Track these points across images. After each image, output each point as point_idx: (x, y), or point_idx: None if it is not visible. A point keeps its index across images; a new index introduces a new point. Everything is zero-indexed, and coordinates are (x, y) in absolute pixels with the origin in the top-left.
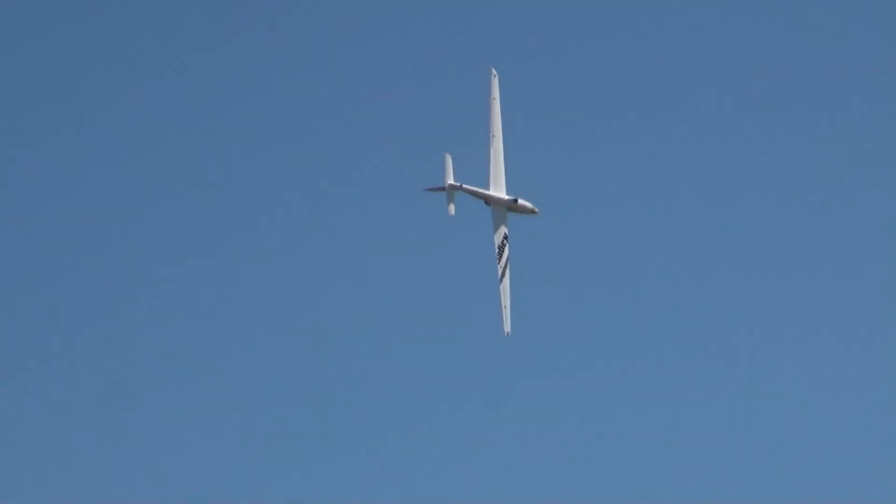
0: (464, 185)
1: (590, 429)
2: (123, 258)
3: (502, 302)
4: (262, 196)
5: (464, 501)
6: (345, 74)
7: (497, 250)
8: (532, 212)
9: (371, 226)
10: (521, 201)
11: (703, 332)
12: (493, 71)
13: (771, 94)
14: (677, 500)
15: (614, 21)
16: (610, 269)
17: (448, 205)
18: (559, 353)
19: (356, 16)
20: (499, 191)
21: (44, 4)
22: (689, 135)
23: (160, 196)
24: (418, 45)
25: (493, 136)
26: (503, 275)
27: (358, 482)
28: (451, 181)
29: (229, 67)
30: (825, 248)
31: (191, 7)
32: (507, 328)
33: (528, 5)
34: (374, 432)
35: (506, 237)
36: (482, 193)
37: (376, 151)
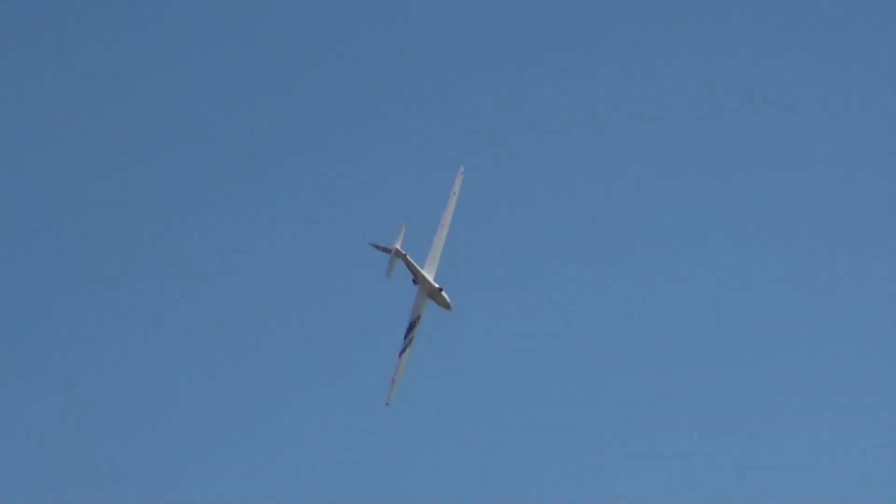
0: (407, 255)
1: None
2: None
3: (395, 374)
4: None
5: None
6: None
7: (408, 326)
8: (447, 307)
9: (307, 266)
10: (444, 293)
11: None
12: (462, 168)
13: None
14: None
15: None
16: (505, 377)
17: (389, 266)
18: (428, 436)
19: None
20: (430, 275)
21: None
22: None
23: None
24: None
25: (442, 225)
26: (404, 350)
27: None
28: (398, 246)
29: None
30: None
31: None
32: (390, 399)
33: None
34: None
35: (419, 318)
36: (417, 270)
37: (345, 200)
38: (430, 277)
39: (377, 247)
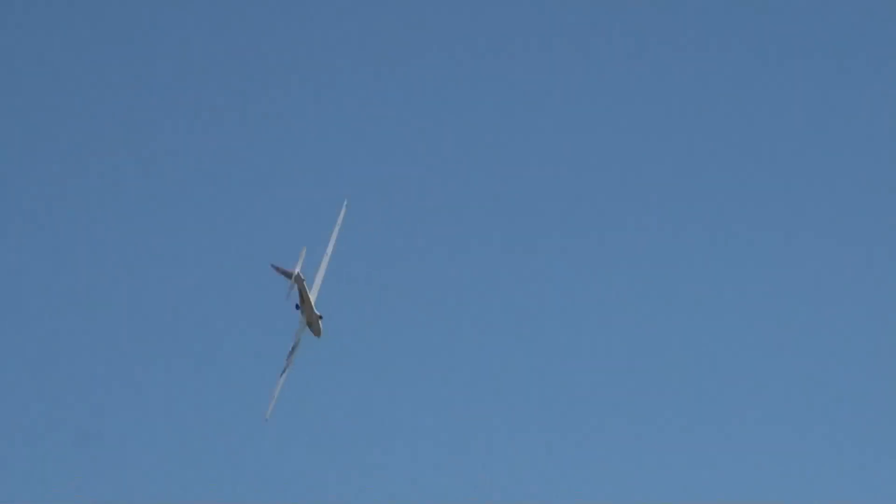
0: (304, 281)
1: None
2: None
3: (275, 391)
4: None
5: None
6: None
7: (291, 348)
8: (318, 334)
9: (204, 282)
10: (321, 322)
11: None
12: (346, 201)
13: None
14: None
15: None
16: (374, 401)
17: (289, 289)
18: (299, 451)
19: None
20: (313, 302)
21: None
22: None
23: None
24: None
25: (326, 253)
26: (283, 371)
27: None
28: (298, 271)
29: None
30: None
31: None
32: (268, 415)
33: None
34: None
35: (298, 342)
36: (307, 296)
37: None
38: (313, 304)
39: (278, 269)
